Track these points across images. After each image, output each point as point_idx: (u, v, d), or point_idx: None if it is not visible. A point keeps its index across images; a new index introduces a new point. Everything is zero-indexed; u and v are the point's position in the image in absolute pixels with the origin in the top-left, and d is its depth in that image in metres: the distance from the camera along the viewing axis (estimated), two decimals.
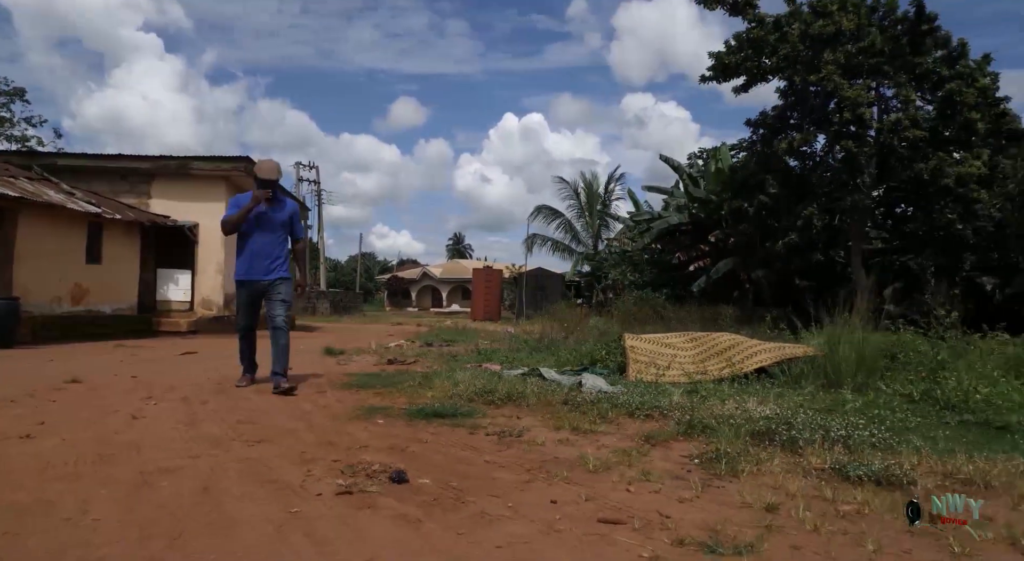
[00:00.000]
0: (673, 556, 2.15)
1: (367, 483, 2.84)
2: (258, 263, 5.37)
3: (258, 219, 5.38)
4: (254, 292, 5.41)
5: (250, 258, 5.38)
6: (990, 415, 4.20)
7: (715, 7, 16.40)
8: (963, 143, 16.25)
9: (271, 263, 5.40)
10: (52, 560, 1.97)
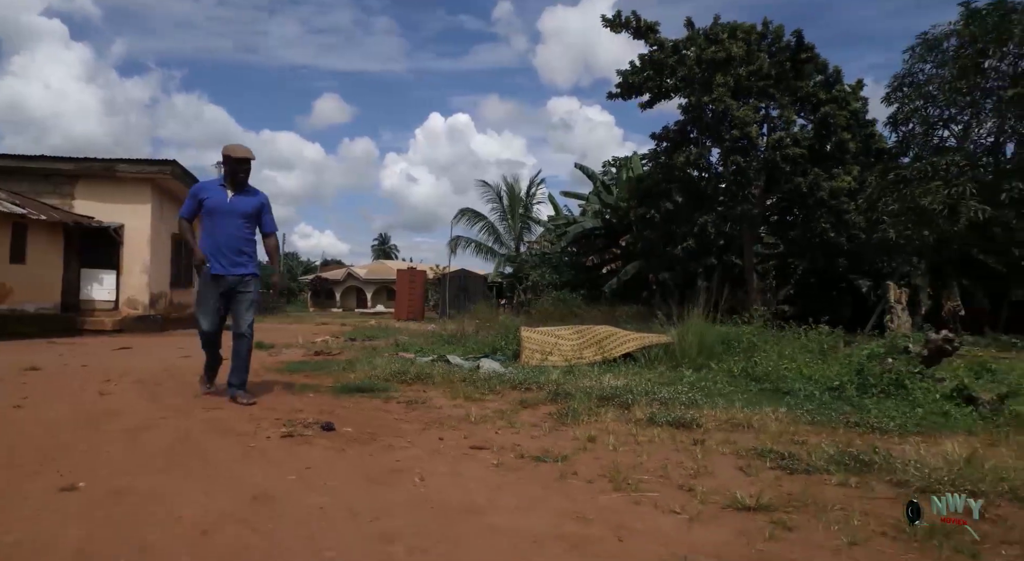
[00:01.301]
0: (514, 463, 3.27)
1: (304, 430, 3.85)
2: (223, 257, 4.84)
3: (223, 209, 4.90)
4: (220, 289, 4.87)
5: (214, 251, 4.85)
6: (780, 384, 5.54)
7: (620, 31, 17.87)
8: (837, 160, 18.28)
9: (238, 257, 4.90)
10: (90, 473, 2.91)
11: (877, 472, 3.13)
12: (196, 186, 5.17)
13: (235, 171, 4.96)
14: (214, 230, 4.92)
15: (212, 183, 5.08)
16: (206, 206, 4.93)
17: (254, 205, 5.04)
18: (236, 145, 5.08)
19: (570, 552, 2.16)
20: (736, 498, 2.69)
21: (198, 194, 5.00)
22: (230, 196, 4.95)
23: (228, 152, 5.00)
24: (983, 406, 4.69)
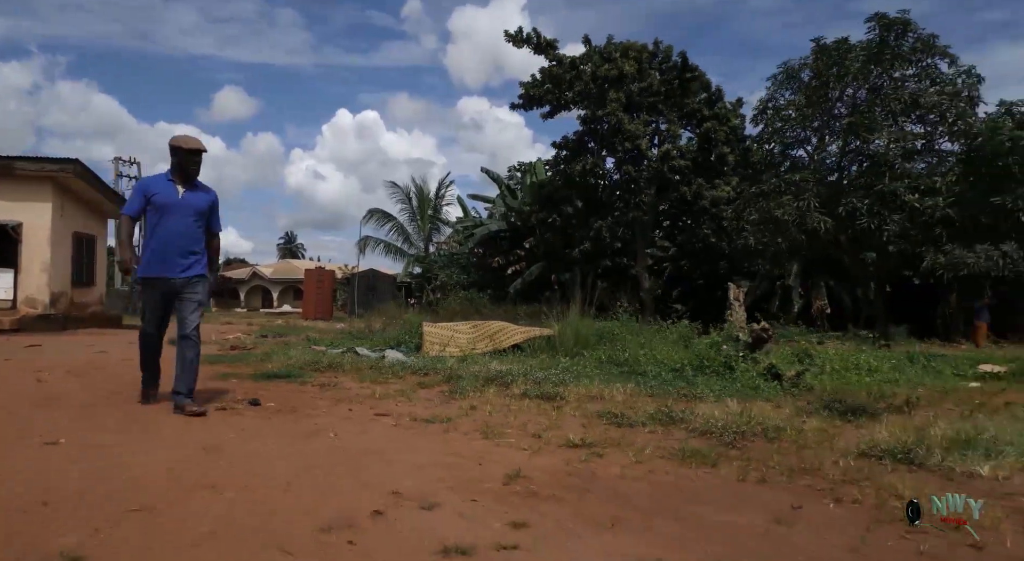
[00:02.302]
0: (409, 424, 4.18)
1: (234, 405, 4.63)
2: (171, 258, 4.53)
3: (174, 206, 4.56)
4: (166, 292, 4.56)
5: (162, 251, 4.53)
6: (635, 367, 6.70)
7: (522, 46, 19.00)
8: (718, 171, 20.09)
9: (186, 258, 4.58)
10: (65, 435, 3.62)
11: (679, 423, 4.23)
12: (142, 181, 4.83)
13: (186, 164, 4.62)
14: (162, 229, 4.55)
15: (159, 178, 4.68)
16: (155, 202, 4.55)
17: (207, 202, 4.72)
18: (186, 136, 4.75)
19: (443, 471, 3.10)
20: (569, 439, 3.71)
21: (146, 190, 4.62)
22: (181, 192, 4.60)
23: (178, 143, 4.64)
24: (786, 380, 5.96)
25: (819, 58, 14.04)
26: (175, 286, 4.57)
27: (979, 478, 3.13)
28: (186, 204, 4.60)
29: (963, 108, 12.93)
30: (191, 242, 4.62)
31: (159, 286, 4.58)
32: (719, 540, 2.33)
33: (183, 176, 4.64)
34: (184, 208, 4.59)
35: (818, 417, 4.50)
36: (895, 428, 3.94)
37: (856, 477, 3.07)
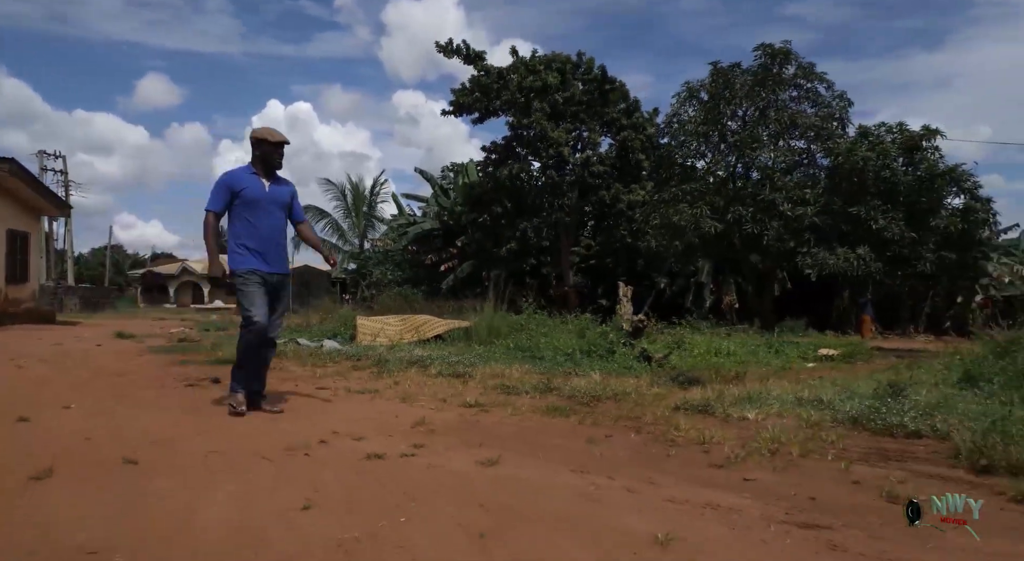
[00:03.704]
0: (344, 395, 5.34)
1: (199, 382, 5.70)
2: (271, 253, 4.51)
3: (264, 200, 4.51)
4: (270, 287, 4.51)
5: (261, 248, 4.46)
6: (536, 352, 8.02)
7: (452, 57, 20.15)
8: (635, 177, 21.72)
9: (282, 253, 4.64)
10: (74, 402, 4.64)
11: (554, 391, 5.52)
12: (228, 176, 4.57)
13: (271, 157, 4.57)
14: (258, 224, 4.47)
15: (243, 171, 4.57)
16: (245, 197, 4.46)
17: (289, 194, 4.68)
18: (269, 128, 4.66)
19: (368, 421, 4.29)
20: (466, 401, 4.96)
21: (233, 184, 4.47)
22: (267, 186, 4.54)
23: (264, 136, 4.57)
24: (655, 361, 7.37)
25: (715, 80, 15.76)
26: (274, 283, 4.55)
27: (746, 420, 4.50)
28: (273, 198, 4.57)
29: (835, 128, 14.84)
30: (283, 236, 4.65)
31: (267, 280, 4.50)
32: (548, 451, 3.61)
33: (267, 169, 4.58)
34: (272, 202, 4.56)
35: (662, 386, 5.88)
36: (708, 391, 5.34)
37: (660, 420, 4.41)
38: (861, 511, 2.70)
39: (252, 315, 4.38)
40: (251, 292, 4.42)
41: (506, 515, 2.45)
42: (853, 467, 3.34)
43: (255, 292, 4.42)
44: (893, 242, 13.41)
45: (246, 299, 4.42)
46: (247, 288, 4.42)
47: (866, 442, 3.96)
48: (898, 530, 2.45)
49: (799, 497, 2.85)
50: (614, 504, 2.66)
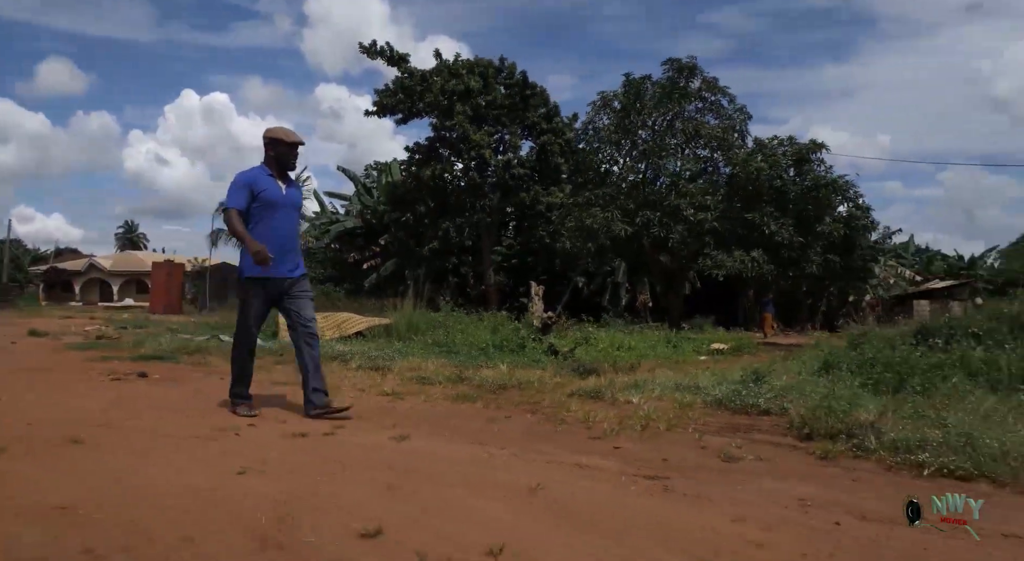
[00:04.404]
0: (269, 388, 5.73)
1: (126, 376, 5.97)
2: (284, 257, 4.39)
3: (282, 202, 4.40)
4: (273, 292, 4.44)
5: (279, 248, 4.32)
6: (452, 347, 8.57)
7: (376, 58, 20.41)
8: (554, 180, 22.53)
9: (296, 256, 4.54)
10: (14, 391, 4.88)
11: (465, 381, 6.08)
12: (246, 175, 4.43)
13: (287, 158, 4.48)
14: (274, 227, 4.36)
15: (260, 172, 4.45)
16: (264, 199, 4.35)
17: (301, 195, 4.65)
18: (284, 128, 4.58)
19: (292, 407, 4.73)
20: (384, 391, 5.45)
21: (253, 184, 4.35)
22: (283, 188, 4.45)
23: (279, 136, 4.46)
24: (561, 355, 8.03)
25: (627, 91, 16.71)
26: (285, 286, 4.46)
27: (630, 403, 5.17)
28: (289, 200, 4.49)
29: (735, 139, 16.04)
30: (297, 240, 4.61)
31: (270, 287, 4.43)
32: (453, 429, 4.16)
33: (282, 170, 4.48)
34: (288, 205, 4.48)
35: (564, 376, 6.52)
36: (602, 380, 6.01)
37: (555, 404, 5.03)
38: (699, 467, 3.37)
39: (248, 328, 4.47)
40: (252, 304, 4.43)
41: (412, 474, 2.98)
42: (705, 437, 4.03)
43: (255, 305, 4.44)
44: (784, 246, 14.67)
45: (245, 310, 4.44)
46: (249, 299, 4.44)
47: (724, 419, 4.69)
48: (720, 479, 3.13)
49: (654, 459, 3.50)
50: (502, 466, 3.23)
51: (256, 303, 4.46)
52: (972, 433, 3.61)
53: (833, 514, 2.59)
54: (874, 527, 2.46)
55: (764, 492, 2.92)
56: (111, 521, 2.28)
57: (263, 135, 4.51)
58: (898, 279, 31.24)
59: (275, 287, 4.44)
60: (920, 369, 5.79)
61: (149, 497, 2.53)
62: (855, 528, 2.45)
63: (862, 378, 5.94)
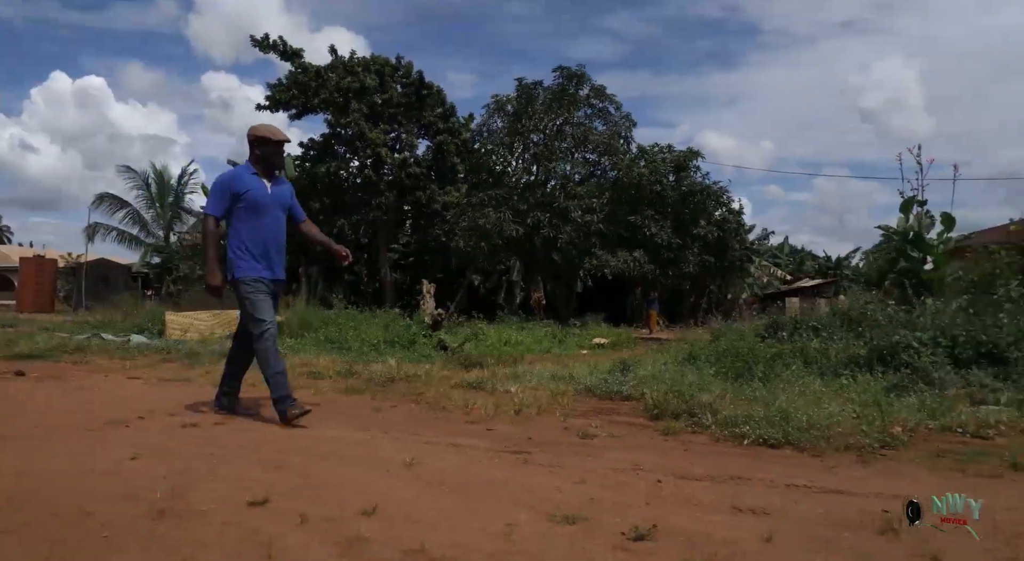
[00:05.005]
0: (157, 383, 5.80)
1: (4, 376, 5.86)
2: (275, 258, 4.30)
3: (267, 202, 4.25)
4: (271, 291, 4.32)
5: (265, 253, 4.23)
6: (345, 343, 8.79)
7: (268, 52, 20.06)
8: (450, 179, 22.87)
9: (283, 257, 4.42)
10: None
11: (355, 375, 6.35)
12: (228, 178, 4.31)
13: (274, 157, 4.35)
14: (263, 227, 4.23)
15: (243, 171, 4.32)
16: (248, 200, 4.20)
17: (289, 194, 4.47)
18: (270, 126, 4.48)
19: (182, 401, 4.87)
20: None
21: (234, 187, 4.19)
22: (269, 186, 4.29)
23: (267, 134, 4.33)
24: (451, 350, 8.41)
25: (520, 95, 17.32)
26: (274, 290, 4.40)
27: (508, 392, 5.61)
28: (276, 200, 4.33)
29: (620, 144, 16.98)
30: (284, 240, 4.42)
31: (270, 289, 4.34)
32: (340, 417, 4.46)
33: (267, 169, 4.33)
34: (275, 204, 4.32)
35: (450, 369, 6.91)
36: (485, 372, 6.45)
37: (439, 395, 5.41)
38: (559, 443, 3.84)
39: (265, 322, 4.19)
40: (260, 300, 4.20)
41: (298, 454, 3.28)
42: (569, 420, 4.53)
43: (263, 300, 4.23)
44: (663, 247, 15.70)
45: (256, 308, 4.19)
46: (255, 296, 4.19)
47: (591, 404, 5.23)
48: (575, 452, 3.61)
49: (521, 438, 3.95)
50: (382, 447, 3.58)
51: (261, 297, 4.22)
52: (788, 410, 4.29)
53: (658, 475, 3.10)
54: (688, 484, 3.00)
55: (608, 461, 3.41)
56: (13, 501, 2.46)
57: (248, 133, 4.38)
58: (772, 278, 33.59)
59: (271, 286, 4.31)
60: (764, 358, 6.57)
61: (49, 479, 2.72)
62: (672, 484, 2.97)
63: (717, 367, 6.68)
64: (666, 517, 2.48)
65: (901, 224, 8.68)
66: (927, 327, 6.53)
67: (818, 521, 2.53)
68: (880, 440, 3.85)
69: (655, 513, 2.53)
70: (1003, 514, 2.63)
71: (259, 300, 4.19)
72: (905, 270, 8.34)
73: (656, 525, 2.35)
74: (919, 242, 8.32)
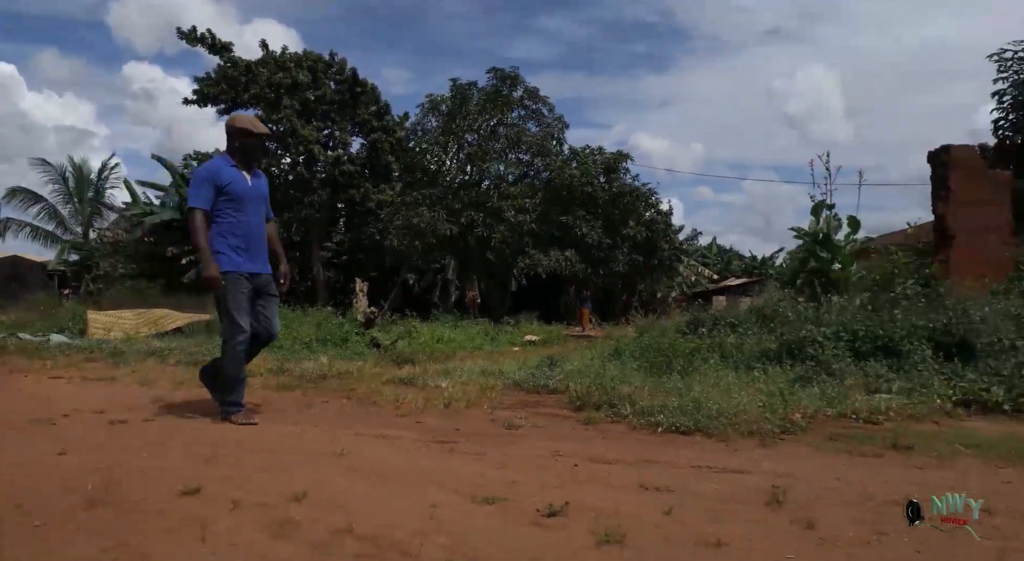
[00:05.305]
0: (81, 382, 5.71)
1: None
2: (257, 251, 4.21)
3: (249, 195, 4.18)
4: (256, 289, 4.22)
5: (247, 246, 4.14)
6: (276, 342, 8.75)
7: (196, 45, 19.58)
8: (384, 178, 22.79)
9: (265, 251, 4.32)
10: None
11: (286, 373, 6.38)
12: (209, 168, 4.23)
13: (255, 149, 4.30)
14: (244, 220, 4.14)
15: (222, 163, 4.22)
16: (231, 191, 4.11)
17: (266, 187, 4.43)
18: (250, 117, 4.40)
19: (107, 399, 4.84)
20: None
21: (217, 178, 4.10)
22: (249, 179, 4.22)
23: (247, 126, 4.23)
24: (384, 348, 8.50)
25: (454, 95, 17.47)
26: (260, 283, 4.26)
27: (439, 387, 5.76)
28: (257, 192, 4.27)
29: (553, 146, 17.33)
30: (264, 233, 4.34)
31: (252, 283, 4.19)
32: (272, 413, 4.53)
33: (246, 162, 4.26)
34: (257, 197, 4.26)
35: (382, 366, 7.01)
36: (416, 369, 6.58)
37: (370, 391, 5.51)
38: (485, 434, 4.03)
39: (241, 325, 4.08)
40: (238, 299, 4.07)
41: (230, 447, 3.37)
42: (496, 412, 4.73)
43: (242, 300, 4.10)
44: (594, 247, 16.12)
45: (233, 307, 4.07)
46: (234, 294, 4.07)
47: (518, 397, 5.43)
48: (499, 441, 3.81)
49: (449, 430, 4.12)
50: (313, 439, 3.69)
51: (240, 297, 4.09)
52: (701, 400, 4.59)
53: (576, 460, 3.33)
54: (602, 467, 3.23)
55: (530, 449, 3.62)
56: None
57: (228, 124, 4.29)
58: (700, 277, 34.70)
59: (255, 281, 4.20)
60: (683, 353, 6.92)
61: None
62: (588, 468, 3.20)
63: (640, 361, 6.99)
64: (579, 496, 2.70)
65: (812, 226, 9.21)
66: (832, 323, 6.99)
67: (715, 496, 2.79)
68: (781, 426, 4.18)
69: (569, 493, 2.74)
70: (877, 486, 2.96)
71: (238, 301, 4.08)
72: (815, 270, 8.86)
73: (569, 502, 2.56)
74: (827, 243, 8.86)
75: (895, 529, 2.42)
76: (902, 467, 3.41)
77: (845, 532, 2.39)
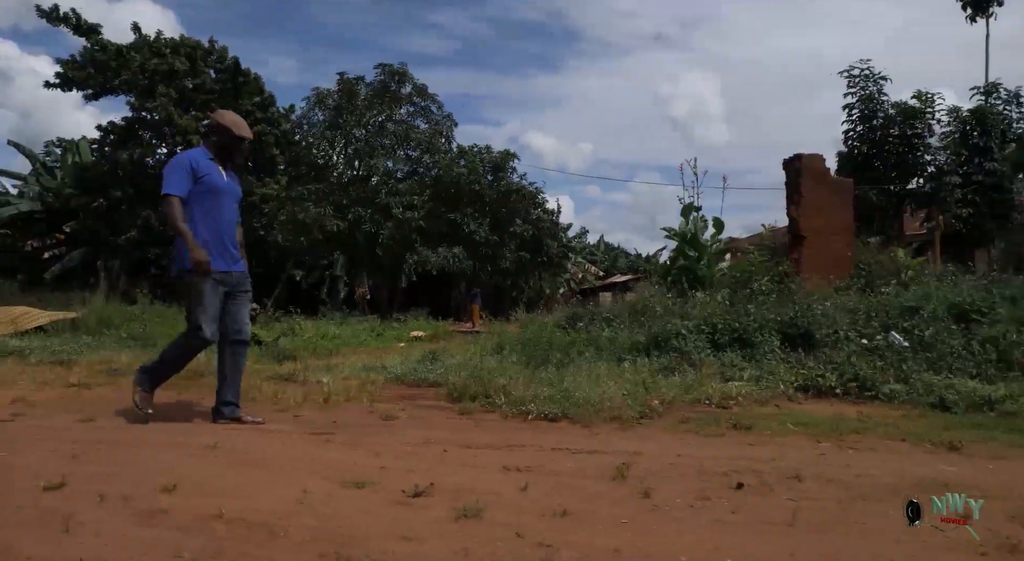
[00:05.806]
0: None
1: None
2: (229, 249, 4.08)
3: (224, 190, 4.09)
4: (228, 286, 4.07)
5: (220, 242, 4.01)
6: (151, 340, 8.48)
7: (59, 25, 18.30)
8: (269, 171, 22.11)
9: (238, 249, 4.19)
10: None
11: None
12: (186, 158, 4.10)
13: (232, 150, 4.17)
14: (216, 215, 4.02)
15: (200, 154, 4.10)
16: (207, 184, 3.98)
17: (240, 190, 4.37)
18: (236, 118, 4.23)
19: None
20: (69, 382, 5.43)
21: (194, 168, 3.97)
22: (224, 175, 4.11)
23: (228, 125, 4.11)
24: (266, 344, 8.39)
25: (341, 90, 17.27)
26: (233, 281, 4.11)
27: (320, 382, 5.79)
28: (231, 189, 4.17)
29: (442, 143, 17.50)
30: (236, 232, 4.23)
31: (222, 280, 4.02)
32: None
33: (222, 159, 4.14)
34: (231, 193, 4.16)
35: (264, 363, 6.96)
36: (298, 365, 6.58)
37: (250, 387, 5.45)
38: (362, 425, 4.17)
39: (201, 323, 3.93)
40: (205, 295, 3.92)
41: (96, 445, 3.34)
42: (376, 405, 4.87)
43: (209, 296, 3.94)
44: (481, 244, 16.42)
45: (199, 303, 3.92)
46: (201, 289, 3.90)
47: (399, 391, 5.59)
48: (375, 432, 3.97)
49: (326, 422, 4.22)
50: (185, 432, 3.71)
51: (209, 292, 3.93)
52: (570, 389, 4.91)
53: (445, 446, 3.54)
54: (469, 452, 3.46)
55: (404, 437, 3.80)
56: None
57: (212, 118, 4.26)
58: (587, 274, 35.85)
59: (226, 280, 4.05)
60: (561, 346, 7.29)
61: None
62: (456, 453, 3.42)
63: (520, 355, 7.30)
64: (444, 477, 2.91)
65: (682, 227, 9.88)
66: (695, 317, 7.57)
67: (568, 474, 3.08)
68: (640, 412, 4.57)
69: (435, 475, 2.94)
70: (711, 461, 3.34)
71: (207, 299, 3.93)
72: (683, 268, 9.52)
73: (434, 483, 2.76)
74: (695, 243, 9.55)
75: (717, 496, 2.78)
76: (737, 444, 3.84)
77: (675, 499, 2.72)
